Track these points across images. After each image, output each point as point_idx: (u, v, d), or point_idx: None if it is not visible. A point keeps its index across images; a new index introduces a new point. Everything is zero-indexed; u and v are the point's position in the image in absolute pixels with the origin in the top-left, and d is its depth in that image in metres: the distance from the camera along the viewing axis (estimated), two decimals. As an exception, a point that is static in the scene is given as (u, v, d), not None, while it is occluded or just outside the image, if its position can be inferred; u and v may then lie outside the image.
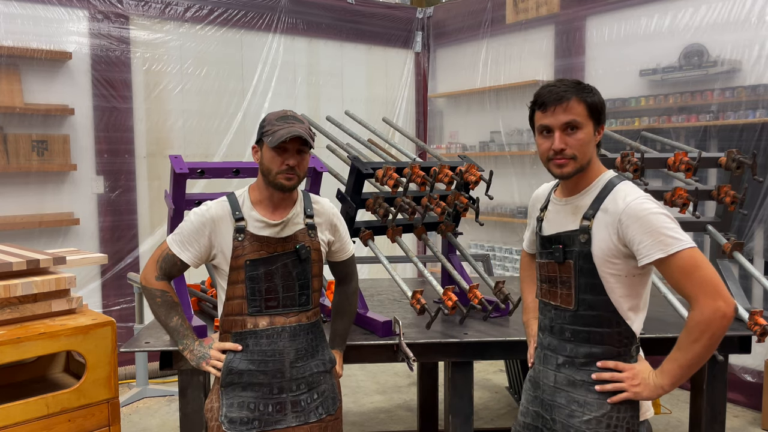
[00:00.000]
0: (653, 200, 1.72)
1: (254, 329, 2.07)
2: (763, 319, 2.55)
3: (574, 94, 1.75)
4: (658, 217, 1.67)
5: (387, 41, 6.48)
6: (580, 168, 1.79)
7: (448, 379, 2.68)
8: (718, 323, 1.62)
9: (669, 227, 1.66)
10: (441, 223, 3.02)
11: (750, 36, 4.23)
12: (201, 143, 5.36)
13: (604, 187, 1.79)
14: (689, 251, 1.65)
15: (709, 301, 1.62)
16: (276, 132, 2.00)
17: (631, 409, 1.77)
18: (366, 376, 5.07)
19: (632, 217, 1.69)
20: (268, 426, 2.07)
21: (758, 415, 4.23)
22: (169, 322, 2.10)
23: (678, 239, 1.65)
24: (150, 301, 2.11)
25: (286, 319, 2.09)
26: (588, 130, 1.77)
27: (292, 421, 2.09)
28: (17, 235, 4.54)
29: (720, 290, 1.63)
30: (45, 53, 4.58)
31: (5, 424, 2.21)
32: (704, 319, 1.63)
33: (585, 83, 1.81)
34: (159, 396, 4.60)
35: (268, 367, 2.07)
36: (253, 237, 2.06)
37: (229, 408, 2.06)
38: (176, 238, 2.09)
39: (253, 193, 2.12)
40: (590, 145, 1.78)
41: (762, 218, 4.12)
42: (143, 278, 2.12)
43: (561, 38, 5.43)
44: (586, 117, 1.76)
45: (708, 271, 1.64)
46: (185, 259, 2.08)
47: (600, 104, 1.78)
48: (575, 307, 1.82)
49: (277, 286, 2.08)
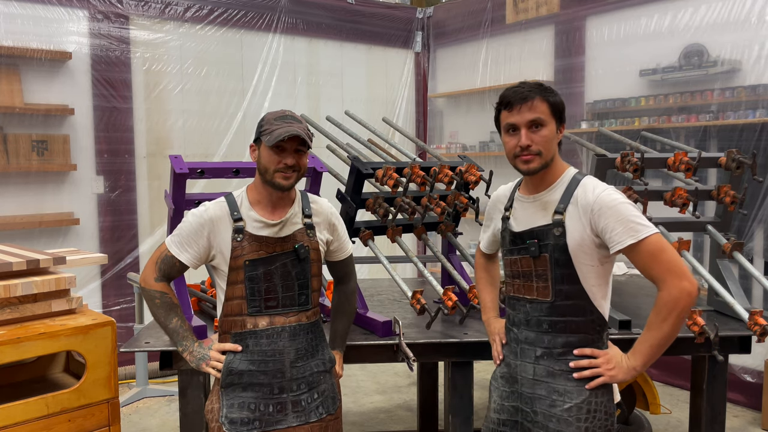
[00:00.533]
0: (618, 191, 1.85)
1: (254, 329, 2.07)
2: (763, 319, 2.54)
3: (538, 94, 1.86)
4: (627, 207, 1.80)
5: (387, 41, 6.48)
6: (545, 164, 1.89)
7: (448, 379, 2.69)
8: (684, 301, 1.75)
9: (637, 215, 1.80)
10: (441, 223, 3.02)
11: (750, 36, 4.23)
12: (201, 143, 5.36)
13: (571, 182, 1.90)
14: (656, 236, 1.78)
15: (676, 281, 1.75)
16: (274, 131, 2.00)
17: (608, 393, 1.89)
18: (366, 376, 5.07)
19: (603, 207, 1.81)
20: (269, 426, 2.07)
21: (758, 415, 4.23)
22: (168, 324, 2.09)
23: (645, 226, 1.78)
24: (149, 302, 2.10)
25: (285, 318, 2.09)
26: (551, 127, 1.88)
27: (293, 420, 2.08)
28: (17, 235, 4.54)
29: (684, 271, 1.76)
30: (45, 53, 4.58)
31: (5, 424, 2.21)
32: (672, 299, 1.75)
33: (547, 85, 1.92)
34: (159, 396, 4.60)
35: (268, 367, 2.07)
36: (252, 237, 2.05)
37: (230, 409, 2.05)
38: (175, 239, 2.08)
39: (251, 193, 2.11)
40: (553, 142, 1.89)
41: (762, 218, 4.12)
42: (142, 280, 2.12)
43: (561, 38, 5.43)
44: (549, 115, 1.87)
45: (673, 254, 1.77)
46: (184, 260, 2.07)
47: (561, 104, 1.90)
48: (552, 299, 1.91)
49: (277, 286, 2.07)
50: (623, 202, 1.80)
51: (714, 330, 2.49)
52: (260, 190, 2.10)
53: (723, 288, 2.78)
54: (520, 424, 1.97)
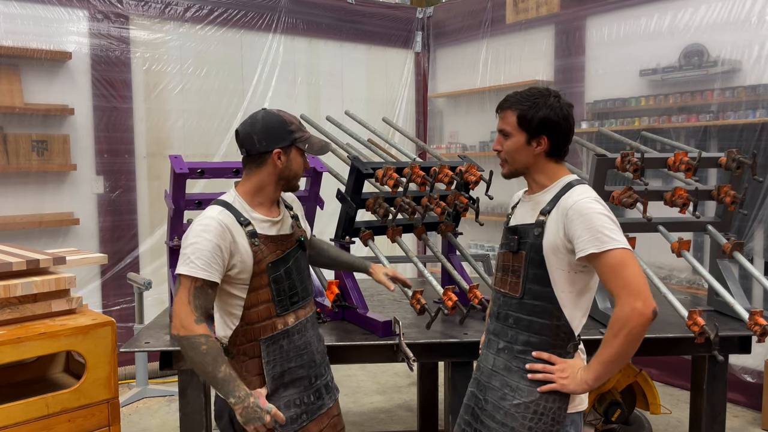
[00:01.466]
0: (602, 203, 1.84)
1: (285, 328, 2.05)
2: (763, 319, 2.54)
3: (510, 106, 1.92)
4: (600, 217, 1.79)
5: (387, 41, 6.48)
6: (514, 171, 1.98)
7: (448, 379, 2.69)
8: (635, 321, 1.72)
9: (608, 227, 1.78)
10: (441, 223, 3.02)
11: (750, 36, 4.23)
12: (201, 143, 5.36)
13: (564, 187, 1.91)
14: (621, 251, 1.76)
15: (630, 299, 1.73)
16: (309, 139, 2.05)
17: (560, 401, 1.89)
18: (366, 376, 5.07)
19: (576, 213, 1.81)
20: (313, 415, 2.10)
21: (758, 415, 4.23)
22: (217, 374, 1.85)
23: (613, 239, 1.76)
24: (192, 352, 1.85)
25: (305, 310, 2.14)
26: (516, 139, 1.92)
27: (329, 401, 2.17)
28: (17, 235, 4.54)
29: (641, 291, 1.73)
30: (45, 53, 4.58)
31: (5, 424, 2.21)
32: (623, 316, 1.74)
33: (546, 95, 1.90)
34: (159, 396, 4.60)
35: (303, 360, 2.10)
36: (266, 239, 2.02)
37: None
38: (199, 263, 1.88)
39: (249, 197, 2.04)
40: (520, 154, 1.93)
41: (762, 218, 4.12)
42: (180, 328, 1.86)
43: (561, 38, 5.43)
44: (515, 127, 1.91)
45: (634, 272, 1.75)
46: (216, 279, 1.90)
47: (533, 118, 1.88)
48: (521, 295, 1.94)
49: (295, 281, 2.10)
50: (598, 213, 1.79)
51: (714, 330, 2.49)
52: (265, 194, 2.04)
53: (723, 288, 2.78)
54: (472, 410, 2.05)
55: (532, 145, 1.91)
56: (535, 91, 1.92)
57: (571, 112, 1.93)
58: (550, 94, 1.91)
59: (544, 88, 1.95)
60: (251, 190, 2.04)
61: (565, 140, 1.93)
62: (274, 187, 2.05)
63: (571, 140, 1.97)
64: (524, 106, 1.90)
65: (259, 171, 2.02)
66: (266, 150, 1.99)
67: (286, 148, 2.00)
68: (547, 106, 1.88)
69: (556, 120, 1.88)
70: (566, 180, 1.94)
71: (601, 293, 2.89)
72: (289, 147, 2.01)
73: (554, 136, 1.90)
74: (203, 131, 5.37)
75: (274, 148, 1.99)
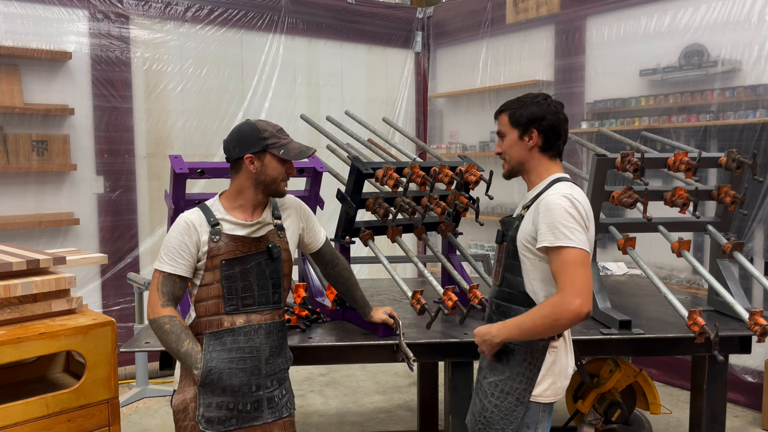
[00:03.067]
0: (574, 200, 1.94)
1: (231, 327, 2.11)
2: (763, 319, 2.54)
3: (504, 109, 2.13)
4: (562, 213, 1.91)
5: (387, 41, 6.48)
6: (512, 168, 2.13)
7: (448, 379, 2.69)
8: (568, 315, 1.87)
9: (566, 225, 1.90)
10: (441, 223, 3.02)
11: (750, 36, 4.23)
12: (201, 143, 5.36)
13: (549, 183, 2.05)
14: (574, 250, 1.89)
15: (571, 295, 1.87)
16: (286, 145, 2.11)
17: (525, 383, 2.04)
18: (366, 376, 5.07)
19: (544, 206, 1.95)
20: (246, 423, 2.13)
21: (758, 415, 4.23)
22: (180, 348, 2.05)
23: (567, 237, 1.90)
24: (159, 332, 2.06)
25: (261, 316, 2.16)
26: (511, 136, 2.09)
27: (269, 417, 2.17)
28: (17, 235, 4.54)
29: (583, 292, 1.87)
30: (45, 53, 4.58)
31: (5, 424, 2.21)
32: (560, 305, 1.88)
33: (534, 96, 2.09)
34: (159, 396, 4.60)
35: (246, 365, 2.12)
36: (228, 237, 2.11)
37: (207, 408, 2.09)
38: (164, 258, 2.09)
39: (227, 201, 2.17)
40: (514, 149, 2.09)
41: (762, 218, 4.12)
42: (150, 312, 2.08)
43: (561, 38, 5.43)
44: (508, 126, 2.10)
45: (581, 272, 1.89)
46: (182, 272, 2.08)
47: (521, 116, 2.06)
48: (500, 283, 2.14)
49: (253, 285, 2.14)
50: (562, 209, 1.91)
51: (714, 330, 2.49)
52: (245, 198, 2.15)
53: (723, 288, 2.78)
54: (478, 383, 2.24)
55: (524, 140, 2.07)
56: (526, 95, 2.11)
57: (560, 108, 2.08)
58: (539, 95, 2.10)
59: (537, 92, 2.14)
60: (231, 195, 2.17)
61: (555, 133, 2.06)
62: (254, 192, 2.14)
63: (565, 135, 2.10)
64: (514, 106, 2.09)
65: (237, 176, 2.15)
66: (239, 156, 2.11)
67: (257, 154, 2.10)
68: (534, 104, 2.06)
69: (542, 114, 2.04)
70: (553, 177, 2.06)
71: (601, 294, 2.89)
72: (262, 152, 2.10)
73: (543, 129, 2.04)
74: (203, 131, 5.37)
75: (245, 153, 2.10)
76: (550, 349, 2.04)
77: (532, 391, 2.04)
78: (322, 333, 2.70)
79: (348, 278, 2.50)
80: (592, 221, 2.00)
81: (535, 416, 2.06)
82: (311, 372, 5.07)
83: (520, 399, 2.04)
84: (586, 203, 1.99)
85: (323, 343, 2.58)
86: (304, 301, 2.87)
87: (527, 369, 2.05)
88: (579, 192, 2.00)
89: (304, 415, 4.32)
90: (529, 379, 2.04)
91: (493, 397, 2.09)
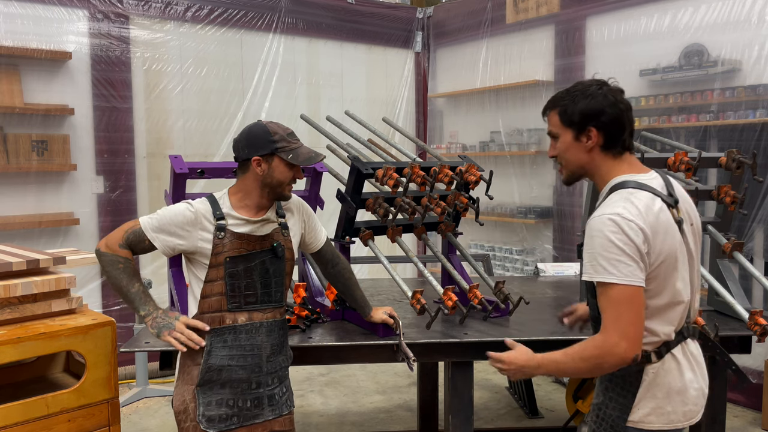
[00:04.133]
0: (620, 222, 1.66)
1: (233, 325, 2.12)
2: (763, 319, 2.55)
3: (551, 107, 1.84)
4: (603, 243, 1.66)
5: (387, 41, 6.48)
6: (572, 174, 1.87)
7: (448, 379, 2.68)
8: (611, 360, 1.66)
9: (608, 256, 1.65)
10: (441, 223, 3.02)
11: (750, 36, 4.23)
12: (201, 143, 5.36)
13: (606, 193, 1.81)
14: (618, 287, 1.65)
15: (616, 337, 1.65)
16: (296, 150, 2.09)
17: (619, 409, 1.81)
18: (366, 376, 5.07)
19: (588, 232, 1.72)
20: (247, 421, 2.13)
21: (758, 415, 4.23)
22: (131, 288, 2.08)
23: (607, 271, 1.66)
24: (110, 267, 2.08)
25: (263, 314, 2.16)
26: (565, 138, 1.82)
27: (269, 414, 2.17)
28: (17, 235, 4.53)
29: (631, 334, 1.65)
30: (45, 53, 4.58)
31: (5, 424, 2.21)
32: (603, 348, 1.67)
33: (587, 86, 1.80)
34: (159, 396, 4.60)
35: (247, 362, 2.12)
36: (233, 235, 2.10)
37: (207, 407, 2.09)
38: (153, 222, 2.10)
39: (235, 198, 2.15)
40: (570, 153, 1.82)
41: (762, 218, 4.12)
42: (105, 244, 2.10)
43: (561, 38, 5.43)
44: (559, 126, 1.82)
45: (627, 312, 1.65)
46: (157, 244, 2.09)
47: (573, 112, 1.78)
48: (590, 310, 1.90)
49: (256, 283, 2.14)
50: (603, 236, 1.66)
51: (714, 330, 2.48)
52: (251, 198, 2.14)
53: (723, 288, 2.78)
54: None
55: (581, 140, 1.79)
56: (576, 85, 1.82)
57: (619, 97, 1.78)
58: (592, 84, 1.79)
59: (589, 80, 1.82)
60: (238, 193, 2.16)
61: (618, 127, 1.77)
62: (260, 193, 2.13)
63: (630, 126, 1.80)
64: (564, 102, 1.80)
65: (245, 177, 2.14)
66: (247, 157, 2.10)
67: (266, 156, 2.09)
68: (586, 96, 1.76)
69: (599, 108, 1.75)
70: (613, 183, 1.79)
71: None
72: (270, 155, 2.09)
73: (603, 125, 1.76)
74: (203, 131, 5.37)
75: (254, 155, 2.08)
76: (645, 372, 1.77)
77: (627, 417, 1.78)
78: (322, 333, 2.70)
79: (348, 278, 2.50)
80: (660, 232, 1.70)
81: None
82: (311, 372, 5.07)
83: (615, 427, 1.80)
84: (646, 212, 1.68)
85: (323, 343, 2.58)
86: (304, 301, 2.87)
87: (621, 395, 1.80)
88: (636, 205, 1.69)
89: (304, 415, 4.32)
90: (624, 405, 1.79)
91: (593, 421, 1.88)
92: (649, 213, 1.69)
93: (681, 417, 1.78)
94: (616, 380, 1.81)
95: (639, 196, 1.71)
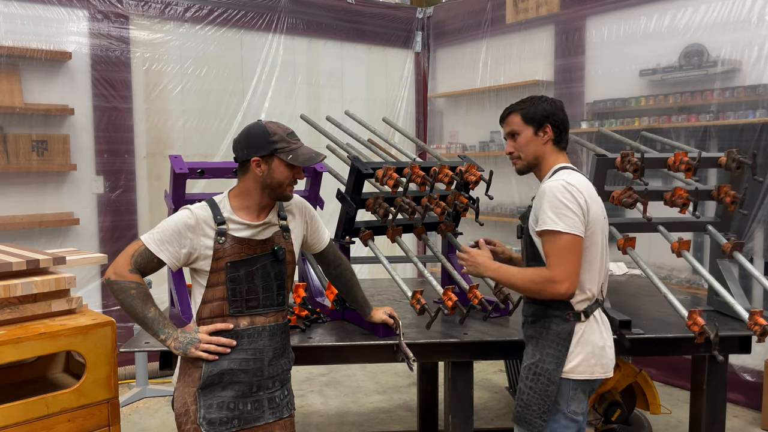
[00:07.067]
0: (566, 184, 2.06)
1: (235, 329, 2.10)
2: (763, 319, 2.54)
3: (513, 110, 2.26)
4: (553, 199, 2.06)
5: (387, 41, 6.48)
6: (528, 164, 2.26)
7: (448, 379, 2.68)
8: (552, 290, 2.07)
9: (555, 209, 2.05)
10: (441, 223, 3.02)
11: (750, 36, 4.23)
12: (201, 143, 5.36)
13: (553, 172, 2.19)
14: (563, 235, 2.04)
15: (562, 276, 2.05)
16: (295, 150, 2.07)
17: (555, 363, 2.14)
18: (366, 376, 5.07)
19: (540, 193, 2.12)
20: (248, 424, 2.12)
21: (758, 415, 4.23)
22: (147, 313, 2.05)
23: (554, 221, 2.05)
24: (122, 294, 2.04)
25: (265, 318, 2.15)
26: (526, 134, 2.23)
27: (270, 417, 2.17)
28: (17, 235, 4.53)
29: (573, 276, 2.05)
30: (45, 53, 4.58)
31: (5, 424, 2.21)
32: (550, 280, 2.06)
33: (539, 96, 2.26)
34: (159, 396, 4.60)
35: (249, 366, 2.11)
36: (234, 239, 2.09)
37: (208, 410, 2.08)
38: (154, 237, 2.06)
39: (235, 200, 2.13)
40: (530, 146, 2.23)
41: (762, 218, 4.12)
42: (114, 272, 2.05)
43: (561, 38, 5.43)
44: (521, 124, 2.24)
45: (571, 257, 2.05)
46: (164, 258, 2.05)
47: (534, 113, 2.21)
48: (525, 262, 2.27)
49: (258, 287, 2.12)
50: (554, 195, 2.05)
51: (714, 330, 2.49)
52: (252, 199, 2.12)
53: (723, 288, 2.78)
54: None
55: (539, 135, 2.22)
56: (528, 98, 2.25)
57: (562, 105, 2.26)
58: (541, 96, 2.25)
59: (537, 95, 2.29)
60: (238, 194, 2.14)
61: (564, 127, 2.23)
62: (260, 194, 2.11)
63: (569, 130, 2.26)
64: (525, 105, 2.24)
65: (245, 177, 2.12)
66: (246, 158, 2.08)
67: (265, 157, 2.06)
68: (542, 102, 2.22)
69: (553, 110, 2.21)
70: (557, 166, 2.21)
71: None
72: (269, 156, 2.06)
73: (555, 123, 2.20)
74: (203, 131, 5.37)
75: (253, 156, 2.06)
76: (575, 329, 2.15)
77: (562, 369, 2.14)
78: (322, 333, 2.70)
79: (350, 279, 2.50)
80: (594, 203, 2.11)
81: (566, 393, 2.15)
82: (311, 372, 5.08)
83: (551, 378, 2.14)
84: (584, 186, 2.11)
85: (323, 343, 2.58)
86: (304, 301, 2.87)
87: (556, 350, 2.15)
88: (577, 177, 2.12)
89: (304, 415, 4.32)
90: (559, 359, 2.14)
91: (528, 380, 2.19)
92: (587, 186, 2.13)
93: (600, 369, 2.17)
94: (552, 337, 2.16)
95: (579, 175, 2.17)
